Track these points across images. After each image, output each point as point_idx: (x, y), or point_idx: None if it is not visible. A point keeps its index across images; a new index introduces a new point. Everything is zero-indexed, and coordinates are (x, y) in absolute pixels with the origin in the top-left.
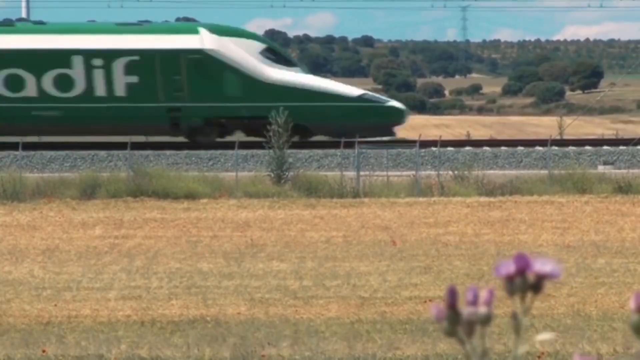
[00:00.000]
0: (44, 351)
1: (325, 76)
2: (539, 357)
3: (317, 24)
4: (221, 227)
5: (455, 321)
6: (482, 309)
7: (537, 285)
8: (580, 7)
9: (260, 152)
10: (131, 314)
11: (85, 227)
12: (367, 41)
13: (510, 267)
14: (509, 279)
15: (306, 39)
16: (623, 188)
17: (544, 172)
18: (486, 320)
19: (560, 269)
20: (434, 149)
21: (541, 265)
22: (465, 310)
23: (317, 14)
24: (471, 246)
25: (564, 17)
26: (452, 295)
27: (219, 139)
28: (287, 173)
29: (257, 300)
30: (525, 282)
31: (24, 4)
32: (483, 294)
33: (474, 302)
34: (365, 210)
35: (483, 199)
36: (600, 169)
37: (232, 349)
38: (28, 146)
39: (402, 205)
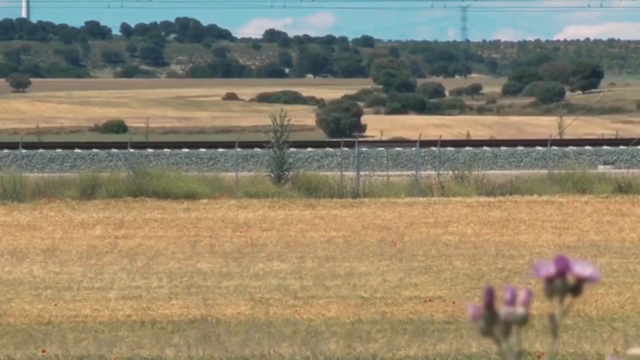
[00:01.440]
0: (44, 351)
1: (325, 76)
2: (539, 356)
3: (317, 24)
4: (221, 227)
5: (492, 321)
6: (519, 310)
7: (576, 288)
8: (581, 7)
9: (260, 152)
10: (131, 313)
11: (85, 227)
12: (367, 41)
13: (550, 269)
14: (549, 281)
15: (306, 39)
16: (623, 188)
17: (544, 172)
18: (523, 320)
19: (599, 273)
20: (434, 149)
21: (581, 269)
22: (502, 310)
23: (317, 14)
24: (471, 246)
25: (564, 17)
26: (489, 295)
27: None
28: (287, 173)
29: (257, 300)
30: (565, 285)
31: (24, 4)
32: (521, 295)
33: (512, 302)
34: (365, 210)
35: (483, 199)
36: (600, 169)
37: (232, 349)
38: (28, 146)
39: (402, 205)
